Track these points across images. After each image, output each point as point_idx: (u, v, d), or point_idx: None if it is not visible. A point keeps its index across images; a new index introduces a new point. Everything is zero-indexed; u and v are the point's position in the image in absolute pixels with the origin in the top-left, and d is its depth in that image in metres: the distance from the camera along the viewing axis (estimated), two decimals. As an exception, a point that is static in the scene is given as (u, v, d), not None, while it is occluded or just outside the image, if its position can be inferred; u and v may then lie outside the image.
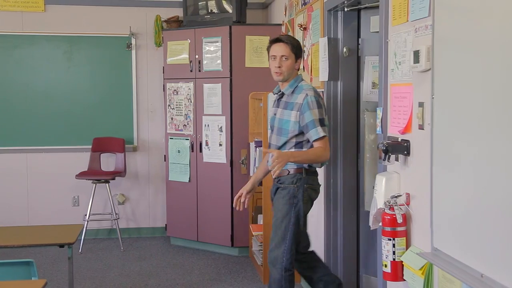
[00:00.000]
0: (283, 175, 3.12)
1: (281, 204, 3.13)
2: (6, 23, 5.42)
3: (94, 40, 5.59)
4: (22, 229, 3.27)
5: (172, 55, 5.27)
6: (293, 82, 3.17)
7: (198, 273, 4.60)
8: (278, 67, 3.13)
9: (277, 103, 3.25)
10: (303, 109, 3.06)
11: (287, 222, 3.10)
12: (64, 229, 3.27)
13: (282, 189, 3.14)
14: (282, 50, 3.13)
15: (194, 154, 5.20)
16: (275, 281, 3.14)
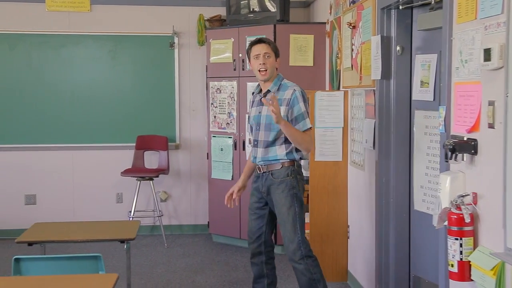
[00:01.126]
0: (275, 169, 3.28)
1: (283, 198, 3.25)
2: (53, 23, 5.54)
3: (138, 39, 5.66)
4: (78, 224, 3.34)
5: (216, 54, 5.31)
6: (276, 80, 3.35)
7: (243, 270, 4.63)
8: (263, 64, 3.27)
9: (260, 102, 3.36)
10: (292, 103, 3.25)
11: (293, 214, 3.24)
12: (122, 225, 3.33)
13: (280, 184, 3.26)
14: (265, 48, 3.30)
15: (237, 152, 5.23)
16: (303, 273, 3.27)
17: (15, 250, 5.10)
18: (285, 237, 3.28)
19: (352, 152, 4.20)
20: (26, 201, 5.65)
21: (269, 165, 3.33)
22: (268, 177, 3.32)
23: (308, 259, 3.27)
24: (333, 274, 4.33)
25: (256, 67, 3.31)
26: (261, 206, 3.45)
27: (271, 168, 3.30)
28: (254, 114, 3.43)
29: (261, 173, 3.37)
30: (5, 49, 5.48)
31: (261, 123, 3.35)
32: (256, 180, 3.45)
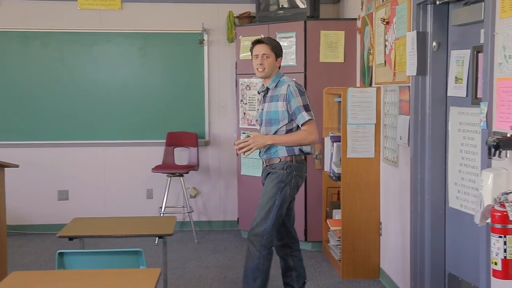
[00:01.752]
0: (274, 162, 3.45)
1: (269, 187, 3.43)
2: (85, 21, 5.61)
3: (168, 36, 5.70)
4: (115, 220, 3.39)
5: (245, 50, 5.32)
6: (275, 77, 3.52)
7: (274, 266, 4.57)
8: (260, 64, 3.46)
9: (263, 99, 3.59)
10: (288, 98, 3.40)
11: (271, 203, 3.40)
12: (158, 220, 3.37)
13: (273, 174, 3.45)
14: (263, 49, 3.47)
15: (267, 149, 5.23)
16: (252, 258, 3.42)
17: (51, 244, 5.22)
18: (255, 220, 3.44)
19: (384, 149, 4.17)
20: (59, 197, 5.74)
21: (270, 159, 3.51)
22: (267, 168, 3.53)
23: (265, 249, 3.42)
24: (364, 271, 4.32)
25: (254, 66, 3.52)
26: None
27: (271, 161, 3.49)
28: (260, 110, 3.65)
29: (265, 166, 3.57)
30: (38, 47, 5.57)
31: (263, 119, 3.54)
32: (262, 173, 3.65)
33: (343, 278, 4.30)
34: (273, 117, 3.46)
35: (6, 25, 5.51)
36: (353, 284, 4.22)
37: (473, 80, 3.09)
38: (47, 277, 2.25)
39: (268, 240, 3.41)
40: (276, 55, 3.52)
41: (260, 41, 3.52)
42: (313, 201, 5.06)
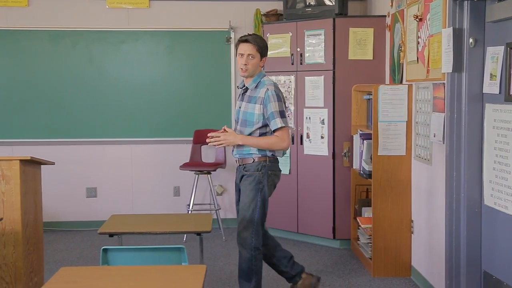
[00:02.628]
0: (248, 163, 3.48)
1: (248, 190, 3.46)
2: (113, 19, 5.65)
3: (195, 34, 5.73)
4: (152, 217, 3.42)
5: (273, 48, 5.32)
6: (256, 78, 3.48)
7: (303, 264, 4.61)
8: (244, 65, 3.43)
9: (241, 97, 3.57)
10: (265, 102, 3.39)
11: (254, 205, 3.44)
12: (195, 218, 3.39)
13: (248, 176, 3.48)
14: (249, 49, 3.42)
15: (295, 147, 5.24)
16: (245, 260, 3.49)
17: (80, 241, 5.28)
18: (241, 224, 3.48)
19: (416, 146, 4.15)
20: (88, 194, 5.80)
21: (243, 158, 3.53)
22: (241, 169, 3.54)
23: (255, 250, 3.49)
24: (396, 269, 4.30)
25: (239, 65, 3.49)
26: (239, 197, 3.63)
27: (245, 161, 3.51)
28: (236, 108, 3.64)
29: (238, 165, 3.59)
30: (67, 45, 5.63)
31: (240, 118, 3.55)
32: (236, 173, 3.67)
33: (374, 276, 4.29)
34: (249, 118, 3.47)
35: (37, 24, 5.57)
36: (385, 282, 4.21)
37: (506, 77, 3.06)
38: (96, 272, 2.28)
39: (257, 241, 3.49)
40: (261, 56, 3.49)
41: (246, 40, 3.46)
42: (341, 199, 5.05)
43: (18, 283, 3.45)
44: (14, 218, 3.42)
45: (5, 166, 3.41)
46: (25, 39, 5.58)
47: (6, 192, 3.41)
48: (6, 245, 3.43)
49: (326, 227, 5.09)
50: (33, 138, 5.64)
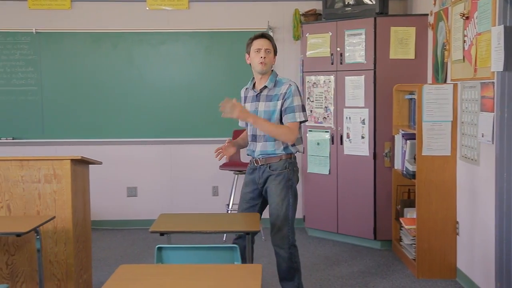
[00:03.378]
0: (274, 162, 3.46)
1: (279, 189, 3.45)
2: (153, 21, 5.72)
3: (233, 35, 5.75)
4: (200, 216, 3.44)
5: (312, 48, 5.32)
6: (272, 77, 3.52)
7: (346, 265, 4.63)
8: (263, 58, 3.45)
9: (256, 98, 3.55)
10: (287, 96, 3.41)
11: (287, 203, 3.46)
12: (241, 217, 3.40)
13: (277, 176, 3.46)
14: (266, 44, 3.49)
15: (335, 147, 5.23)
16: (285, 260, 3.49)
17: (122, 239, 5.35)
18: (275, 224, 3.47)
19: (462, 147, 4.09)
20: (128, 193, 5.88)
21: (268, 158, 3.49)
22: (265, 169, 3.49)
23: (293, 248, 3.51)
24: (440, 271, 4.25)
25: (256, 60, 3.48)
26: (254, 196, 3.59)
27: (270, 161, 3.48)
28: (250, 109, 3.55)
29: (259, 165, 3.53)
30: (108, 47, 5.72)
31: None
32: (251, 172, 3.60)
33: (419, 278, 4.25)
34: (272, 116, 3.44)
35: (78, 26, 5.68)
36: (430, 284, 4.16)
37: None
38: (154, 270, 2.31)
39: (293, 238, 3.52)
40: (274, 53, 3.55)
41: (263, 36, 3.54)
42: (382, 200, 5.01)
43: (69, 280, 3.53)
44: (65, 217, 3.50)
45: (56, 165, 3.49)
46: (68, 42, 5.69)
47: (57, 191, 3.49)
48: (57, 243, 3.51)
49: (367, 227, 5.06)
50: (76, 138, 5.74)
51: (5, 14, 5.64)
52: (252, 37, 3.58)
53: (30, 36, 5.64)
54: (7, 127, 5.69)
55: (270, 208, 3.51)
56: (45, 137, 5.74)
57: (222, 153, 3.52)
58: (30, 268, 3.50)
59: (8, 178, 3.48)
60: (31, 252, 3.49)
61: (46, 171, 3.49)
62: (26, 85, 5.69)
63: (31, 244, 3.49)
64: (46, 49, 5.67)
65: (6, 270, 3.49)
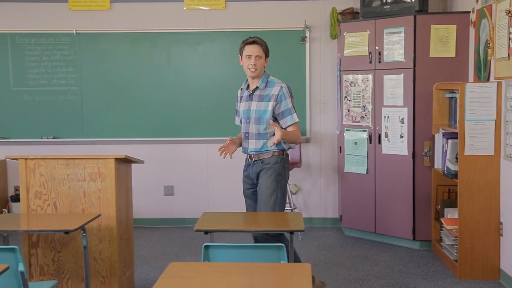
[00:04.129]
0: (266, 157, 3.62)
1: (269, 182, 3.59)
2: (191, 21, 5.77)
3: (270, 34, 5.70)
4: (241, 215, 3.47)
5: (350, 47, 5.28)
6: (263, 78, 3.68)
7: (384, 265, 4.59)
8: (253, 65, 3.61)
9: (249, 97, 3.71)
10: (279, 99, 3.59)
11: (274, 197, 3.59)
12: (284, 216, 3.41)
13: (268, 169, 3.62)
14: (257, 51, 3.64)
15: (372, 146, 5.18)
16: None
17: (159, 238, 5.41)
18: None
19: (507, 146, 4.01)
20: (165, 192, 5.94)
21: (261, 154, 3.66)
22: (258, 164, 3.66)
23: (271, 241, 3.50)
24: (483, 272, 4.18)
25: (246, 66, 3.65)
26: (254, 191, 3.74)
27: (262, 156, 3.66)
28: (243, 108, 3.75)
29: (253, 161, 3.70)
30: (147, 47, 5.79)
31: (251, 117, 3.67)
32: (246, 168, 3.78)
33: (461, 279, 4.19)
34: (263, 115, 3.61)
35: (117, 27, 5.76)
36: (472, 285, 4.09)
37: None
38: (203, 268, 2.33)
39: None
40: (266, 56, 3.69)
41: (254, 42, 3.66)
42: (421, 199, 4.95)
43: (113, 277, 3.58)
44: (109, 214, 3.56)
45: (101, 164, 3.55)
46: (107, 42, 5.78)
47: (102, 189, 3.55)
48: (102, 240, 3.57)
49: (405, 227, 5.01)
50: (114, 137, 5.82)
51: (47, 16, 5.76)
52: (244, 41, 3.72)
53: (71, 37, 5.74)
54: (48, 127, 5.81)
55: (260, 200, 3.63)
56: (84, 136, 5.84)
57: (225, 151, 3.72)
58: (76, 265, 3.56)
59: (54, 177, 3.55)
60: (76, 249, 3.56)
61: (91, 169, 3.55)
62: (67, 85, 5.80)
63: (76, 242, 3.55)
64: (86, 50, 5.77)
65: (53, 266, 3.57)
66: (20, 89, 5.79)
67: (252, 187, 3.76)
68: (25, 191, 3.55)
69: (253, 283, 2.14)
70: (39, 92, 5.79)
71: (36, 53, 5.75)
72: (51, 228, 3.12)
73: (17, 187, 5.93)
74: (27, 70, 5.76)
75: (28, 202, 3.55)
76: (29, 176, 3.54)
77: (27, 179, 3.55)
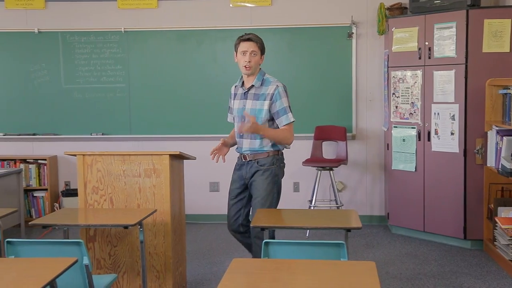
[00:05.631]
0: (261, 157, 3.57)
1: (266, 184, 3.56)
2: (237, 18, 5.79)
3: (316, 30, 5.73)
4: (296, 212, 3.46)
5: (398, 43, 5.21)
6: (259, 76, 3.61)
7: (435, 264, 4.52)
8: (248, 62, 3.53)
9: (244, 95, 3.64)
10: (275, 98, 3.52)
11: (271, 198, 3.58)
12: (339, 214, 3.39)
13: (265, 171, 3.57)
14: (252, 47, 3.57)
15: (421, 143, 5.11)
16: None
17: (207, 233, 5.44)
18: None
19: None
20: (211, 188, 5.99)
21: (255, 154, 3.60)
22: (253, 164, 3.61)
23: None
24: (540, 273, 4.07)
25: (241, 63, 3.57)
26: (241, 191, 3.72)
27: (257, 157, 3.60)
28: (238, 106, 3.67)
29: (247, 161, 3.64)
30: (193, 44, 5.83)
31: (245, 116, 3.54)
32: (239, 168, 3.72)
33: (516, 280, 4.10)
34: (258, 114, 3.54)
35: (164, 25, 5.83)
36: (529, 286, 4.00)
37: None
38: (266, 265, 2.34)
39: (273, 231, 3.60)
40: (261, 53, 3.62)
41: (249, 39, 3.59)
42: (472, 198, 4.86)
43: (167, 272, 3.63)
44: (164, 210, 3.60)
45: (156, 160, 3.60)
46: (154, 39, 5.85)
47: (157, 185, 3.60)
48: (157, 235, 3.62)
49: (456, 226, 4.92)
50: (160, 134, 5.89)
51: (96, 15, 5.87)
52: (239, 38, 3.66)
53: (119, 35, 5.84)
54: (98, 123, 5.92)
55: (254, 201, 3.60)
56: (132, 133, 5.93)
57: (217, 154, 3.72)
58: (131, 259, 3.62)
59: (111, 172, 3.62)
60: (132, 243, 3.62)
61: (146, 165, 3.61)
62: (115, 82, 5.90)
63: (131, 236, 3.61)
64: (134, 47, 5.86)
65: (109, 260, 3.64)
66: (70, 86, 5.92)
67: (241, 187, 3.72)
68: (82, 186, 3.62)
69: (321, 280, 2.13)
70: (89, 89, 5.91)
71: (86, 51, 5.87)
72: (111, 222, 3.18)
73: (67, 182, 6.07)
74: (77, 68, 5.89)
75: (86, 197, 3.63)
76: (86, 172, 3.62)
77: (85, 175, 3.62)
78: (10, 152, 6.03)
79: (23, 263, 2.41)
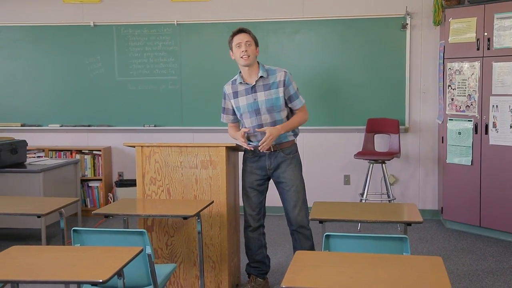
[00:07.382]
0: (287, 146, 3.61)
1: (296, 172, 3.64)
2: (289, 10, 5.77)
3: (369, 22, 5.64)
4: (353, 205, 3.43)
5: (455, 33, 5.08)
6: (261, 67, 3.61)
7: (493, 260, 4.41)
8: (245, 51, 3.51)
9: (252, 90, 3.58)
10: (287, 83, 3.56)
11: (303, 185, 3.68)
12: (397, 207, 3.35)
13: (292, 159, 3.63)
14: (245, 37, 3.57)
15: (478, 136, 4.97)
16: (309, 238, 3.66)
17: (274, 224, 5.46)
18: (297, 207, 3.62)
19: None
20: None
21: (280, 143, 3.60)
22: (278, 154, 3.62)
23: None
24: None
25: (238, 55, 3.55)
26: (261, 183, 3.71)
27: (283, 146, 3.62)
28: (246, 102, 3.61)
29: (270, 152, 3.60)
30: (244, 37, 5.83)
31: (260, 109, 3.56)
32: (258, 159, 3.65)
33: None
34: (275, 103, 3.55)
35: (216, 17, 5.86)
36: None
37: None
38: (329, 258, 2.34)
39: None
40: (256, 44, 3.61)
41: (241, 31, 3.60)
42: (532, 193, 4.70)
43: (223, 263, 3.67)
44: (220, 201, 3.64)
45: (212, 152, 3.63)
46: (206, 32, 5.89)
47: (213, 176, 3.64)
48: (212, 226, 3.66)
49: (517, 223, 4.78)
50: (211, 126, 5.93)
51: (150, 8, 5.95)
52: (231, 34, 3.64)
53: (172, 28, 5.90)
54: (150, 115, 6.02)
55: (289, 191, 3.62)
56: (183, 125, 6.00)
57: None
58: (188, 249, 3.68)
59: (168, 164, 3.67)
60: (188, 234, 3.67)
61: (203, 157, 3.64)
62: (167, 74, 5.98)
63: (188, 227, 3.66)
64: (186, 40, 5.91)
65: (166, 250, 3.70)
66: (124, 79, 6.03)
67: (262, 178, 3.68)
68: (141, 177, 3.69)
69: (388, 274, 2.11)
70: (142, 81, 6.01)
71: (139, 44, 5.96)
72: (170, 213, 3.23)
73: (121, 172, 6.21)
74: (130, 60, 5.99)
75: (144, 187, 3.70)
76: (145, 163, 3.69)
77: (143, 166, 3.69)
78: (66, 143, 6.20)
79: (91, 251, 2.48)
